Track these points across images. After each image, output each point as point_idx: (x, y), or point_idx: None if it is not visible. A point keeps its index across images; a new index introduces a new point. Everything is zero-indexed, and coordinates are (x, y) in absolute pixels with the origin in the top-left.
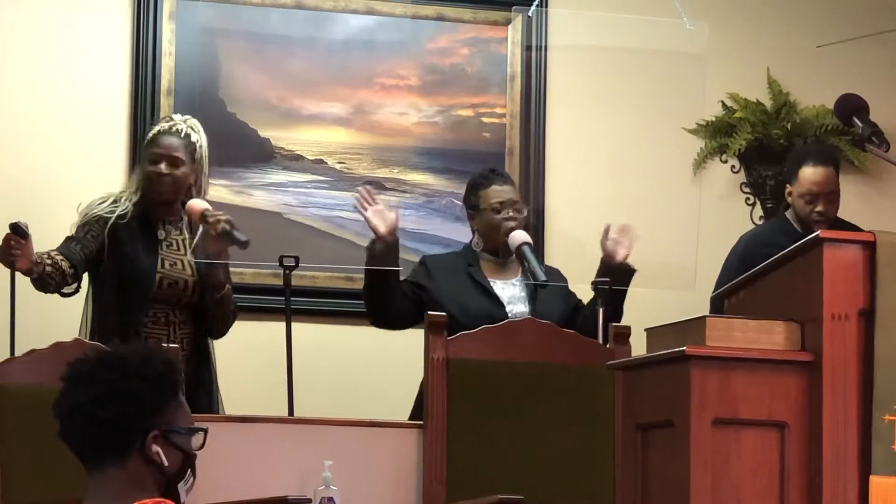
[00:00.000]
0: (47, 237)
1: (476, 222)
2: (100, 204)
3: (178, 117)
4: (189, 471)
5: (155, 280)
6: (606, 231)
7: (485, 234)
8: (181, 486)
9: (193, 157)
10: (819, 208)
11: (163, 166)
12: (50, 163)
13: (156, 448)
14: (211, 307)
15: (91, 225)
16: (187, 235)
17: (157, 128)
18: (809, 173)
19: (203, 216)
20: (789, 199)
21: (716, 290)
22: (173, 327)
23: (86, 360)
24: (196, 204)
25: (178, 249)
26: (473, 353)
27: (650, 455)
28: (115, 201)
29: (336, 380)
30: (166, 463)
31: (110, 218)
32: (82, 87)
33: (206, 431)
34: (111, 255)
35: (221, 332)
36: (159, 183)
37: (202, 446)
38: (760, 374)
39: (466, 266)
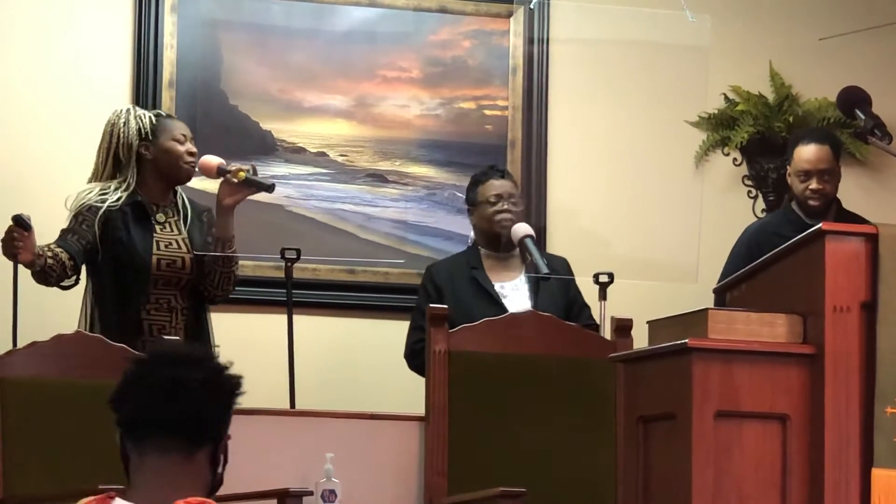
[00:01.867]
0: (49, 230)
1: (474, 217)
2: (88, 194)
3: (135, 107)
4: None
5: (152, 262)
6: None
7: (482, 229)
8: None
9: None
10: (813, 185)
11: (190, 145)
12: (51, 155)
13: (222, 450)
14: (220, 264)
15: (84, 215)
16: (179, 217)
17: (140, 114)
18: (803, 151)
19: (219, 169)
20: (789, 181)
21: (721, 281)
22: (175, 313)
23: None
24: (209, 160)
25: (173, 231)
26: (475, 345)
27: (652, 447)
28: (103, 190)
29: (337, 372)
30: (221, 468)
31: (101, 206)
32: (84, 80)
33: None
34: (105, 242)
35: (227, 290)
36: (191, 164)
37: None
38: (762, 367)
39: (470, 269)
